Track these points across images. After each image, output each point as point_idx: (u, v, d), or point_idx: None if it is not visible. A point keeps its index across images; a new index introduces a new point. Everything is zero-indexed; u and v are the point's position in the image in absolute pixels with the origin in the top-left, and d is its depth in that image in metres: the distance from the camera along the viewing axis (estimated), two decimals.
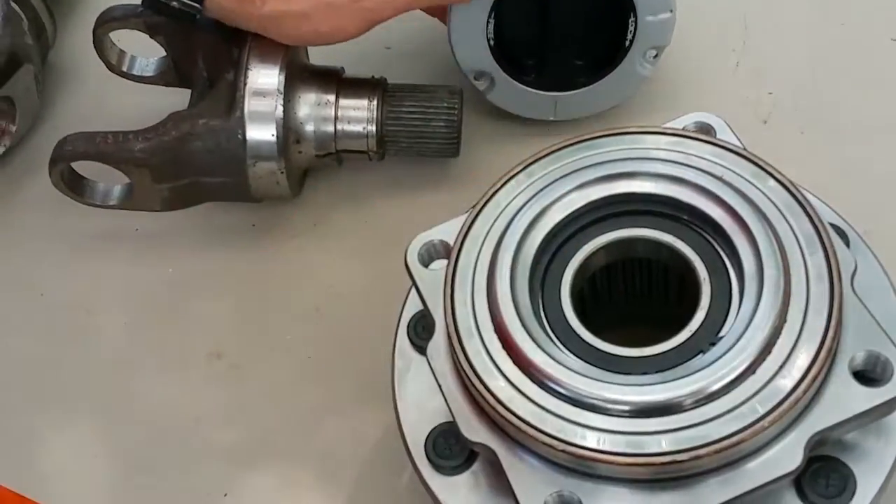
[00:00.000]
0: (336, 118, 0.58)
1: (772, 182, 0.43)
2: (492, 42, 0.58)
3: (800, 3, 0.66)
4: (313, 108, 0.58)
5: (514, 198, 0.45)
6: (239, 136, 0.55)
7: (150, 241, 0.62)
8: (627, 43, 0.57)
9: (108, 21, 0.60)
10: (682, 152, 0.45)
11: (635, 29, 0.57)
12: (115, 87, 0.64)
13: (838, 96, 0.62)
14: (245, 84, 0.56)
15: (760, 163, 0.44)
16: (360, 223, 0.62)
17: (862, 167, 0.59)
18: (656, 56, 0.58)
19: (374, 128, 0.59)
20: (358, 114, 0.59)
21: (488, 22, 0.57)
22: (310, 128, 0.58)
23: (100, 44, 0.61)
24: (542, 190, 0.44)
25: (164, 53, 0.62)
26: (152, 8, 0.56)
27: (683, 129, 0.47)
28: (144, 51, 0.62)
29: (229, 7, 0.54)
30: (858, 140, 0.60)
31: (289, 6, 0.54)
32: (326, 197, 0.63)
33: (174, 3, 0.54)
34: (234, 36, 0.57)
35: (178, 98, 0.60)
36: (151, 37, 0.60)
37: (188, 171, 0.57)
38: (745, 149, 0.45)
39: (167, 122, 0.56)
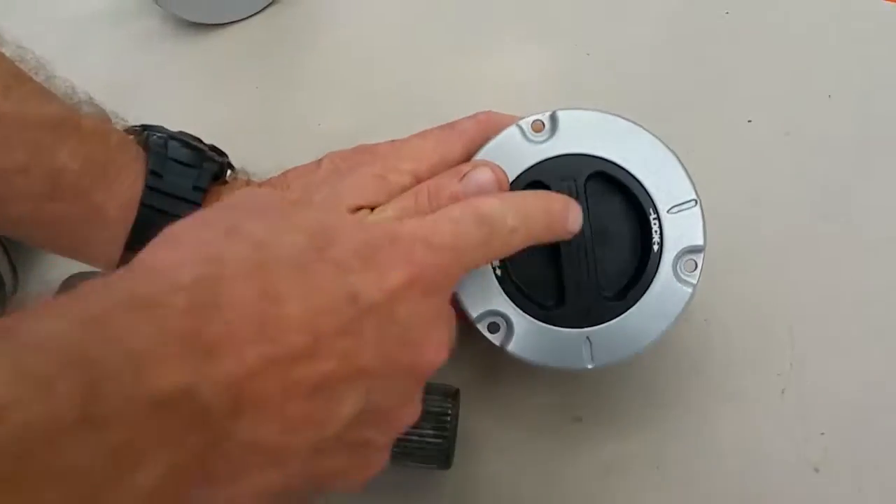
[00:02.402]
0: None
1: None
2: (498, 272, 0.46)
3: (853, 321, 0.54)
4: None
5: None
6: None
7: None
8: (655, 247, 0.45)
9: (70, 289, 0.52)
10: None
11: (661, 229, 0.45)
12: None
13: None
14: None
15: None
16: None
17: None
18: (695, 263, 0.45)
19: None
20: None
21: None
22: None
23: None
24: None
25: None
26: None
27: None
28: None
29: None
30: None
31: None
32: None
33: None
34: None
35: None
36: None
37: None
38: None
39: None
